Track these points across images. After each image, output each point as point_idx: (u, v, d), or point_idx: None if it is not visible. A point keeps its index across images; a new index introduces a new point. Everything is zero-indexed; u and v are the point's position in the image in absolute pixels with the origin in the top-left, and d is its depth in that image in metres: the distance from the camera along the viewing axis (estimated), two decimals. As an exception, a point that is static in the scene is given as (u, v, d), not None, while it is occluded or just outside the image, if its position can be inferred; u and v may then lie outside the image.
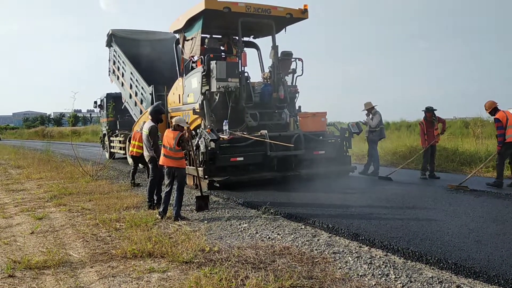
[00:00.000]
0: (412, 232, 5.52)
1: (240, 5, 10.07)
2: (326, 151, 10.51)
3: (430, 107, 10.38)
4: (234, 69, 10.33)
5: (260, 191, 8.89)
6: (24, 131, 68.38)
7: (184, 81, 11.43)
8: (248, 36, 12.35)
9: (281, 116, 10.79)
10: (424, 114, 10.53)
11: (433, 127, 10.39)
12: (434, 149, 10.58)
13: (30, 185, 11.00)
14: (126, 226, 6.25)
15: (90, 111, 53.88)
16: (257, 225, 6.21)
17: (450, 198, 7.82)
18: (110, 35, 16.58)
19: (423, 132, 10.48)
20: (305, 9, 10.90)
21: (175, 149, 6.76)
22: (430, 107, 10.38)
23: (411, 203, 7.43)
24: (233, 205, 7.86)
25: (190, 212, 7.26)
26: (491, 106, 9.18)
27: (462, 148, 13.52)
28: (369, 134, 11.13)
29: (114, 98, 18.08)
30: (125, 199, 8.37)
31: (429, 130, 10.40)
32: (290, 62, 11.56)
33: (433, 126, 10.39)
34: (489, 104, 9.21)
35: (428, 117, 10.40)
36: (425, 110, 10.45)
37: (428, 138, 10.38)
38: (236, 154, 9.40)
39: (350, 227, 5.82)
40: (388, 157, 14.37)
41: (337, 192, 8.71)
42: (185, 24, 10.84)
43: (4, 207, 8.17)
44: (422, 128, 10.49)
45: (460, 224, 5.88)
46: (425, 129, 10.42)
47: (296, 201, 7.89)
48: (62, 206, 8.10)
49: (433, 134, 10.37)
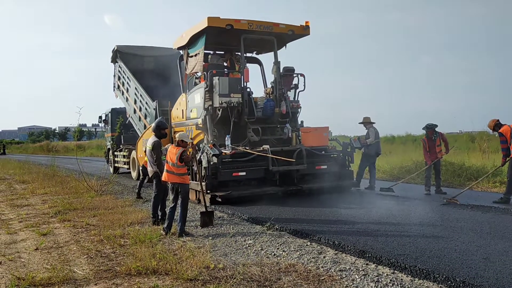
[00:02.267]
0: (420, 249, 5.45)
1: (242, 22, 10.21)
2: (328, 165, 10.52)
3: (430, 125, 10.36)
4: (236, 85, 10.44)
5: (264, 206, 8.84)
6: (29, 146, 68.63)
7: (187, 97, 11.54)
8: (250, 52, 12.49)
9: (283, 131, 10.84)
10: (425, 132, 10.52)
11: (435, 144, 10.36)
12: (439, 165, 10.54)
13: (34, 200, 11.01)
14: (131, 242, 6.22)
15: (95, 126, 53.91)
16: (262, 242, 6.16)
17: (457, 214, 7.74)
18: (115, 51, 16.74)
19: (425, 150, 10.46)
20: (306, 25, 11.01)
21: (177, 165, 6.76)
22: (430, 125, 10.36)
23: (418, 219, 7.36)
24: (238, 221, 7.82)
25: (194, 228, 7.23)
26: (492, 123, 9.19)
27: (468, 162, 13.44)
28: (365, 148, 11.21)
29: (119, 113, 18.18)
30: (130, 215, 8.35)
31: (431, 147, 10.38)
32: (292, 77, 11.67)
33: (435, 143, 10.37)
34: (491, 123, 9.23)
35: (429, 134, 10.39)
36: (425, 128, 10.44)
37: (431, 155, 10.36)
38: (238, 169, 9.44)
39: (356, 243, 5.76)
40: (394, 172, 14.31)
41: (342, 207, 8.64)
42: (188, 41, 10.97)
43: (8, 223, 8.16)
44: (425, 145, 10.48)
45: (467, 241, 5.81)
46: (427, 147, 10.39)
47: (301, 217, 7.83)
48: (66, 221, 8.09)
49: (435, 151, 10.34)
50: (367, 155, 11.23)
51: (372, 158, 11.29)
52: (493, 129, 9.27)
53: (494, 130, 9.22)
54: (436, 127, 10.34)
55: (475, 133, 22.20)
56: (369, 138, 11.11)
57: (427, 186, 10.46)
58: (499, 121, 9.10)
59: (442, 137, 10.44)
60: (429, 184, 10.45)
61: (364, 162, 11.32)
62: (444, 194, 10.14)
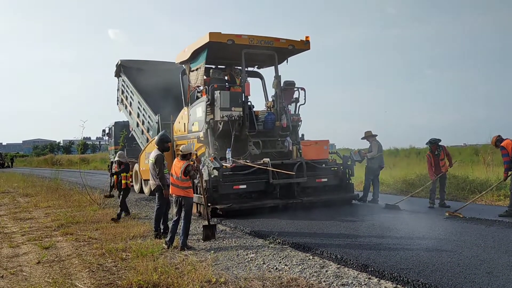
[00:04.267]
0: (422, 263, 5.41)
1: (243, 38, 10.39)
2: (329, 178, 10.63)
3: (434, 139, 10.37)
4: (237, 99, 10.56)
5: (266, 220, 8.83)
6: (33, 159, 68.88)
7: (189, 110, 11.66)
8: (252, 66, 12.67)
9: (284, 144, 10.92)
10: (429, 147, 10.52)
11: (439, 158, 10.36)
12: (444, 179, 10.52)
13: (37, 214, 11.02)
14: (132, 256, 6.21)
15: (99, 139, 54.04)
16: (264, 255, 6.14)
17: (460, 228, 7.69)
18: (119, 66, 16.92)
19: (430, 165, 10.42)
20: (307, 40, 11.17)
21: (181, 178, 6.78)
22: (434, 139, 10.37)
23: (421, 232, 7.31)
24: (240, 234, 7.79)
25: (197, 242, 7.21)
26: (494, 139, 9.23)
27: (472, 176, 13.38)
28: (368, 161, 11.23)
29: (122, 127, 18.29)
30: (132, 228, 8.34)
31: (435, 162, 10.38)
32: (292, 91, 11.79)
33: (439, 158, 10.36)
34: (493, 140, 9.28)
35: (433, 149, 10.39)
36: (428, 143, 10.44)
37: (436, 170, 10.35)
38: (239, 182, 9.52)
39: (359, 257, 5.73)
40: (398, 185, 14.26)
41: (345, 221, 8.61)
42: (190, 56, 11.11)
43: (11, 236, 8.17)
44: (429, 160, 10.45)
45: (471, 255, 5.76)
46: (432, 162, 10.38)
47: (304, 230, 7.80)
48: (69, 235, 8.09)
49: (439, 166, 10.34)
50: (370, 169, 11.23)
51: (376, 171, 11.29)
52: (495, 145, 9.26)
53: (496, 145, 9.21)
54: (440, 142, 10.35)
55: (479, 146, 22.16)
56: (371, 152, 11.13)
57: (431, 199, 10.43)
58: (501, 136, 9.13)
59: (445, 151, 10.44)
60: (434, 197, 10.42)
61: (369, 176, 11.31)
62: (448, 207, 10.08)
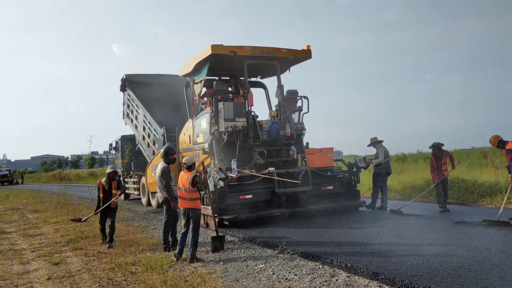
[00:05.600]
0: (433, 269, 5.37)
1: (245, 49, 10.47)
2: (335, 186, 10.65)
3: (437, 143, 10.45)
4: (241, 109, 10.66)
5: (275, 229, 8.81)
6: (42, 175, 69.25)
7: (194, 122, 11.74)
8: (254, 76, 12.77)
9: (289, 153, 10.93)
10: (431, 150, 10.56)
11: (441, 162, 10.43)
12: (446, 183, 10.56)
13: (47, 230, 11.07)
14: (142, 269, 6.21)
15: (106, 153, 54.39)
16: (273, 266, 6.12)
17: (470, 232, 7.62)
18: (124, 80, 17.09)
19: (433, 168, 10.49)
20: (308, 49, 11.25)
21: (189, 190, 6.79)
22: (437, 143, 10.45)
23: (431, 238, 7.26)
24: (248, 245, 7.77)
25: (205, 253, 7.20)
26: (495, 140, 8.88)
27: (481, 179, 13.28)
28: (375, 168, 11.22)
29: (129, 140, 18.39)
30: (141, 241, 8.35)
31: (438, 165, 10.43)
32: (295, 100, 11.87)
33: (441, 161, 10.43)
34: (493, 139, 8.92)
35: (435, 153, 10.44)
36: (432, 147, 10.50)
37: (439, 173, 10.39)
38: (245, 192, 9.54)
39: (369, 265, 5.69)
40: (406, 191, 14.18)
41: (353, 228, 8.57)
42: (193, 68, 11.20)
43: (21, 253, 8.21)
44: (432, 164, 10.52)
45: (482, 260, 5.71)
46: (435, 165, 10.43)
47: (312, 239, 7.77)
48: (78, 250, 8.11)
49: (442, 169, 10.39)
50: (378, 175, 11.21)
51: (383, 177, 11.26)
52: (496, 146, 8.99)
53: (498, 146, 8.96)
54: (442, 146, 10.40)
55: (487, 149, 21.98)
56: (377, 158, 11.12)
57: (440, 203, 10.41)
58: (502, 137, 8.89)
59: (448, 155, 10.52)
60: (442, 201, 10.40)
61: (376, 182, 11.28)
62: (447, 211, 10.09)
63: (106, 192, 8.47)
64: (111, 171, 8.54)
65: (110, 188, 8.49)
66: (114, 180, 8.57)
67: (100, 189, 8.50)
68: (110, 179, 8.51)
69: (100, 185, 8.52)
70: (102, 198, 8.45)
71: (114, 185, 8.53)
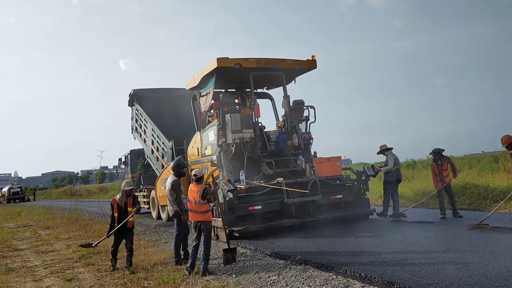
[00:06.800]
0: (449, 277, 5.28)
1: (250, 61, 10.58)
2: (344, 195, 10.58)
3: (437, 150, 10.48)
4: (248, 121, 10.72)
5: (285, 240, 8.75)
6: (53, 191, 69.73)
7: (201, 135, 11.81)
8: (260, 88, 12.84)
9: (297, 162, 10.91)
10: (432, 157, 10.57)
11: (442, 168, 10.40)
12: (449, 188, 10.52)
13: (59, 246, 11.09)
14: (154, 284, 6.19)
15: (116, 167, 54.70)
16: (286, 277, 6.06)
17: (485, 238, 7.51)
18: (132, 95, 17.26)
19: (434, 174, 10.49)
20: (313, 59, 11.33)
21: (200, 203, 6.77)
22: (437, 150, 10.48)
23: (445, 245, 7.16)
24: (261, 256, 7.72)
25: (218, 266, 7.16)
26: (507, 140, 8.71)
27: (493, 184, 13.12)
28: (385, 175, 11.16)
29: (138, 154, 18.50)
30: (152, 256, 8.33)
31: (439, 171, 10.42)
32: (302, 110, 11.92)
33: (442, 167, 10.41)
34: (506, 139, 8.74)
35: (436, 159, 10.45)
36: (432, 153, 10.52)
37: (440, 179, 10.39)
38: (254, 203, 9.53)
39: (383, 274, 5.61)
40: (418, 198, 14.04)
41: (365, 237, 8.49)
42: (200, 82, 11.32)
43: (34, 270, 8.22)
44: (434, 170, 10.54)
45: (498, 266, 5.61)
46: (436, 171, 10.43)
47: (325, 249, 7.70)
48: (90, 265, 8.11)
49: (443, 175, 10.38)
50: (388, 183, 11.13)
51: (394, 185, 11.18)
52: (506, 146, 8.79)
53: (507, 147, 8.79)
54: (443, 152, 10.39)
55: (498, 153, 21.75)
56: (386, 166, 11.05)
57: (442, 210, 10.44)
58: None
59: (449, 162, 10.54)
60: (444, 207, 10.42)
61: (388, 190, 11.20)
62: (460, 217, 10.03)
63: (121, 211, 7.51)
64: (129, 188, 7.62)
65: (125, 205, 7.52)
66: (130, 196, 7.63)
67: (114, 208, 7.52)
68: (126, 197, 7.58)
69: (114, 203, 7.55)
70: (116, 217, 7.51)
71: (130, 202, 7.57)
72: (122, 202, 7.52)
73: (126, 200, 7.53)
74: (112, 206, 7.55)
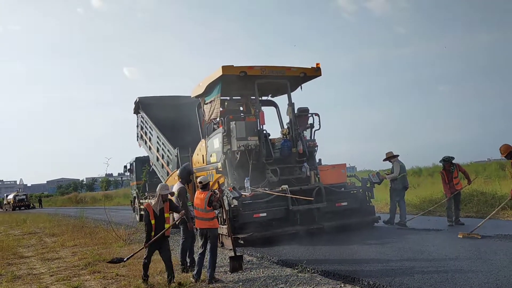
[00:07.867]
0: (459, 285, 5.23)
1: (255, 69, 10.66)
2: (349, 202, 10.54)
3: (447, 157, 10.43)
4: (253, 128, 10.73)
5: (292, 247, 8.70)
6: (58, 198, 69.92)
7: (206, 142, 11.83)
8: (265, 95, 12.85)
9: (302, 170, 10.91)
10: (442, 165, 10.53)
11: (452, 176, 10.35)
12: (459, 196, 10.48)
13: (65, 253, 11.09)
14: (161, 292, 6.15)
15: (121, 175, 55.00)
16: (294, 285, 6.01)
17: (494, 246, 7.44)
18: (137, 103, 17.31)
19: (445, 182, 10.45)
20: (317, 67, 11.42)
21: (206, 210, 6.74)
22: (447, 157, 10.43)
23: (453, 253, 7.09)
24: (267, 264, 7.67)
25: (224, 274, 7.12)
26: (506, 150, 8.58)
27: (501, 191, 13.03)
28: (391, 183, 11.11)
29: (143, 162, 18.52)
30: (159, 263, 8.24)
31: (449, 179, 10.36)
32: (307, 117, 11.89)
33: (452, 175, 10.36)
34: (504, 148, 8.61)
35: (446, 167, 10.41)
36: (442, 161, 10.48)
37: (450, 187, 10.33)
38: (259, 210, 9.51)
39: (392, 283, 5.56)
40: (424, 205, 13.96)
41: (372, 245, 8.43)
42: (205, 89, 11.38)
43: (40, 277, 8.21)
44: (444, 178, 10.50)
45: (508, 275, 5.54)
46: (446, 179, 10.39)
47: (332, 257, 7.65)
48: (96, 273, 8.09)
49: (453, 183, 10.32)
50: (395, 190, 11.08)
51: (401, 192, 11.11)
52: (505, 156, 8.67)
53: (506, 157, 8.68)
54: (453, 159, 10.36)
55: (504, 161, 21.64)
56: (392, 173, 11.01)
57: (450, 218, 10.42)
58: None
59: (460, 169, 10.50)
60: (451, 215, 10.41)
61: (394, 197, 11.15)
62: (462, 225, 10.00)
63: (158, 218, 6.78)
64: (166, 193, 6.95)
65: (161, 212, 6.82)
66: (166, 201, 6.95)
67: (150, 214, 6.74)
68: (163, 202, 6.88)
69: (149, 209, 6.78)
70: (154, 225, 6.75)
71: (167, 208, 6.92)
72: (157, 208, 6.81)
73: (163, 206, 6.86)
74: (148, 213, 6.77)
